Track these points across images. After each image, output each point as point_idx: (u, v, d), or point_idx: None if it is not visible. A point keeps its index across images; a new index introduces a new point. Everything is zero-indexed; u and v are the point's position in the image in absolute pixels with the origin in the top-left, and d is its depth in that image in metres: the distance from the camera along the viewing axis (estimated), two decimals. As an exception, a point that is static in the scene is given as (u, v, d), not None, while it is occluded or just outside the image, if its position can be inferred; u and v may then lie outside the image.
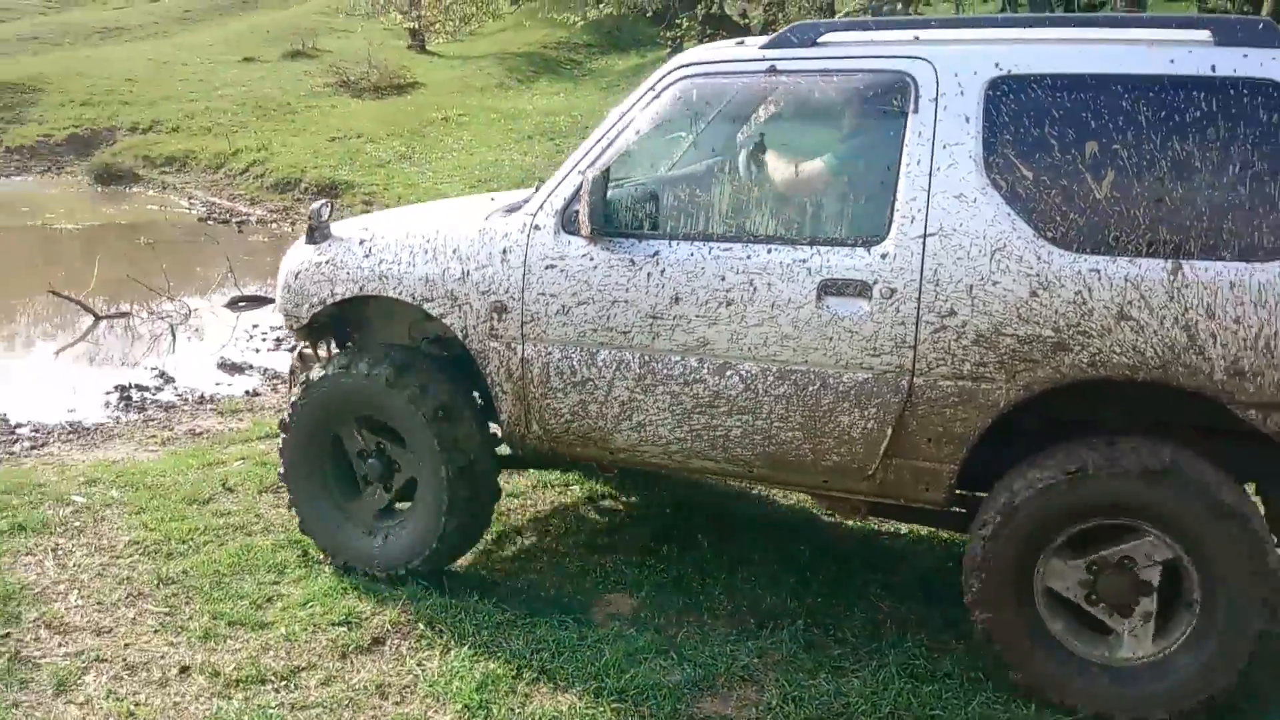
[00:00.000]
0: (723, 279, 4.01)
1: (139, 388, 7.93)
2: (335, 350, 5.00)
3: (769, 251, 3.98)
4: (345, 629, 4.13)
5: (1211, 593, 3.61)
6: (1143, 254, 3.60)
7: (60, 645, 4.00)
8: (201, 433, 6.98)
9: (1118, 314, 3.60)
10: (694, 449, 4.20)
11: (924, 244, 3.78)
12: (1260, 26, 3.66)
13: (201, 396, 7.84)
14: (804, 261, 3.92)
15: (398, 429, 4.49)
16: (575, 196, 4.18)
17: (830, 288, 3.88)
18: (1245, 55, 3.59)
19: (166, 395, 7.83)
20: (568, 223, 4.21)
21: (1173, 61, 3.64)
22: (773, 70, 4.09)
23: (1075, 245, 3.64)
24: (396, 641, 4.07)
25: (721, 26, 13.73)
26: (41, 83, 22.49)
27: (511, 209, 4.46)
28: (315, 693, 3.74)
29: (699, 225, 4.18)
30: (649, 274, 4.11)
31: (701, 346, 4.07)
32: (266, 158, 17.21)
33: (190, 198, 16.64)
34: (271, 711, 3.61)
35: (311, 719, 3.62)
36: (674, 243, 4.11)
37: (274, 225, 14.71)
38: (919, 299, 3.78)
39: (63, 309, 10.01)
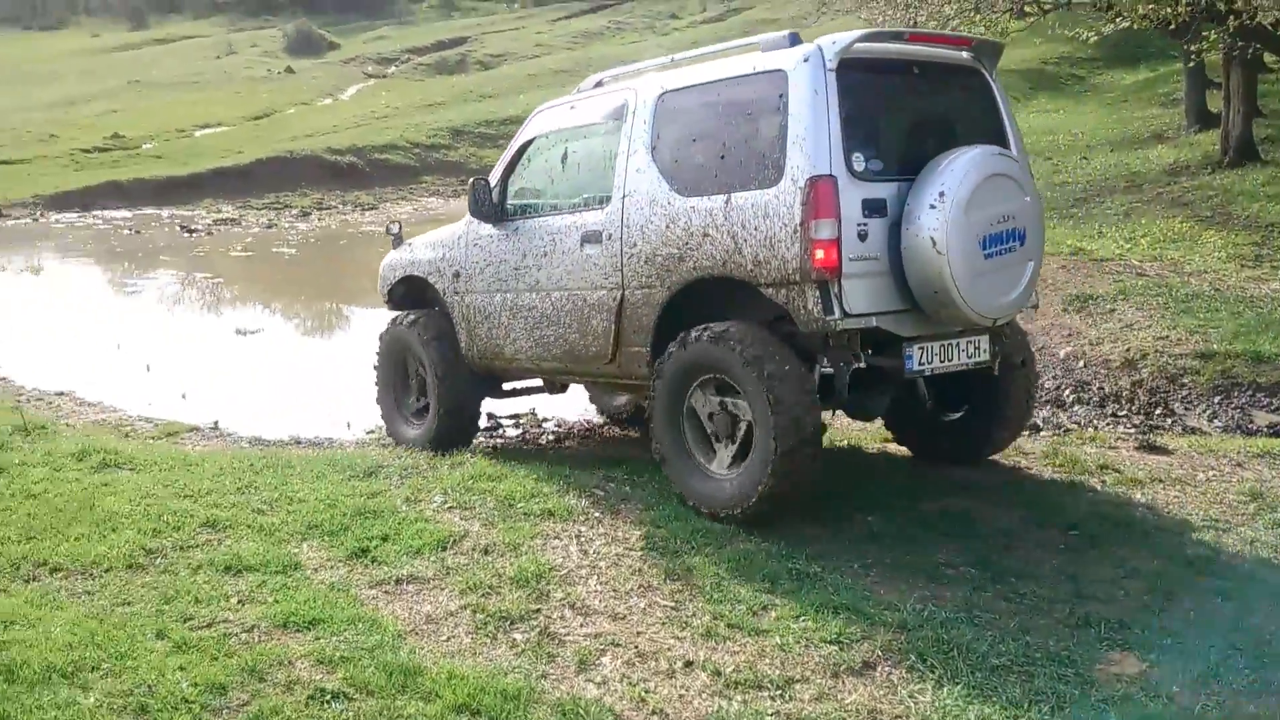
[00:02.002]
0: (542, 239, 6.30)
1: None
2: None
3: (561, 218, 6.25)
4: (836, 648, 4.19)
5: (751, 426, 5.24)
6: (714, 193, 5.43)
7: (581, 626, 4.40)
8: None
9: (703, 234, 5.45)
10: (536, 354, 6.42)
11: (624, 202, 5.83)
12: (787, 35, 5.47)
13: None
14: (574, 223, 6.13)
15: (421, 357, 7.01)
16: None
17: (586, 238, 6.03)
18: (771, 56, 5.39)
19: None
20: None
21: (734, 66, 5.59)
22: (571, 107, 6.45)
23: (687, 192, 5.57)
24: (887, 669, 4.07)
25: (1254, 39, 12.36)
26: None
27: None
28: (809, 706, 3.82)
29: (534, 208, 6.55)
30: (513, 241, 6.49)
31: (536, 284, 6.34)
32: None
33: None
34: (768, 718, 3.74)
35: (804, 731, 3.71)
36: (526, 220, 6.50)
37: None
38: (622, 238, 5.82)
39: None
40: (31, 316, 12.26)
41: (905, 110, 5.72)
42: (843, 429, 7.25)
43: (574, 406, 8.25)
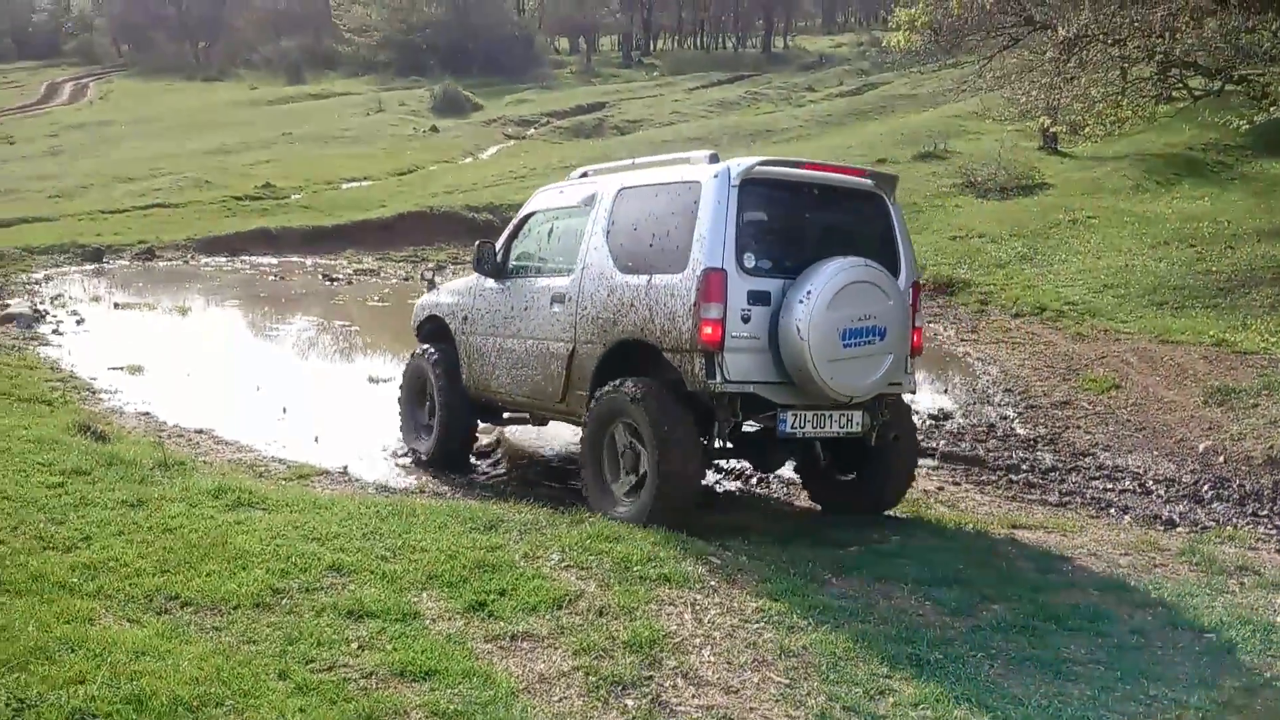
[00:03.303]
0: (527, 296, 7.75)
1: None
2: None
3: (542, 280, 7.66)
4: (955, 740, 4.07)
5: (645, 465, 6.46)
6: (642, 273, 6.71)
7: (694, 697, 4.36)
8: (818, 511, 7.32)
9: (630, 304, 6.73)
10: (513, 389, 7.84)
11: (582, 272, 7.16)
12: (708, 155, 6.82)
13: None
14: (548, 285, 7.54)
15: (432, 383, 8.69)
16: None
17: (555, 298, 7.40)
18: (693, 169, 6.73)
19: (786, 471, 8.33)
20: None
21: (671, 174, 6.92)
22: (560, 191, 7.97)
23: (625, 270, 6.86)
24: (1008, 765, 3.93)
25: None
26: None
27: None
28: (923, 799, 3.72)
29: (526, 270, 8.00)
30: (507, 296, 7.98)
31: (519, 332, 7.74)
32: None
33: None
34: (881, 807, 3.64)
35: (918, 825, 3.60)
36: (518, 279, 7.98)
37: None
38: (578, 301, 7.12)
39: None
40: (176, 355, 12.81)
41: (802, 223, 6.77)
42: (969, 510, 7.08)
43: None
